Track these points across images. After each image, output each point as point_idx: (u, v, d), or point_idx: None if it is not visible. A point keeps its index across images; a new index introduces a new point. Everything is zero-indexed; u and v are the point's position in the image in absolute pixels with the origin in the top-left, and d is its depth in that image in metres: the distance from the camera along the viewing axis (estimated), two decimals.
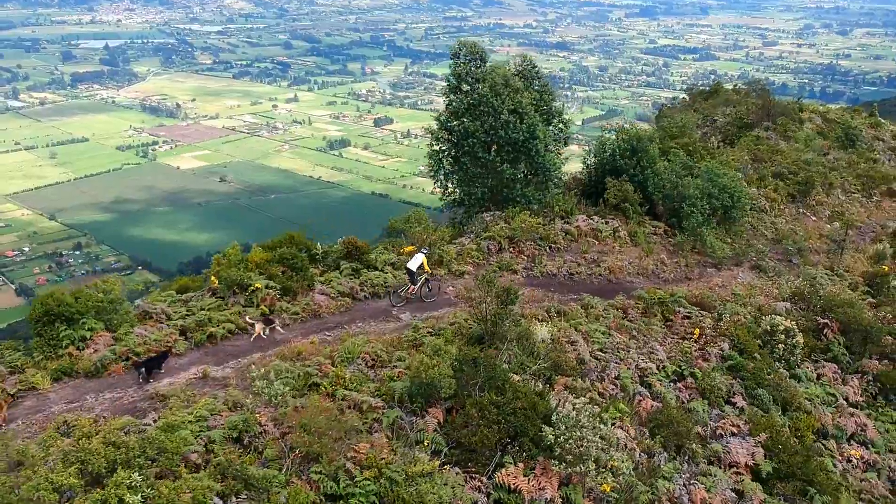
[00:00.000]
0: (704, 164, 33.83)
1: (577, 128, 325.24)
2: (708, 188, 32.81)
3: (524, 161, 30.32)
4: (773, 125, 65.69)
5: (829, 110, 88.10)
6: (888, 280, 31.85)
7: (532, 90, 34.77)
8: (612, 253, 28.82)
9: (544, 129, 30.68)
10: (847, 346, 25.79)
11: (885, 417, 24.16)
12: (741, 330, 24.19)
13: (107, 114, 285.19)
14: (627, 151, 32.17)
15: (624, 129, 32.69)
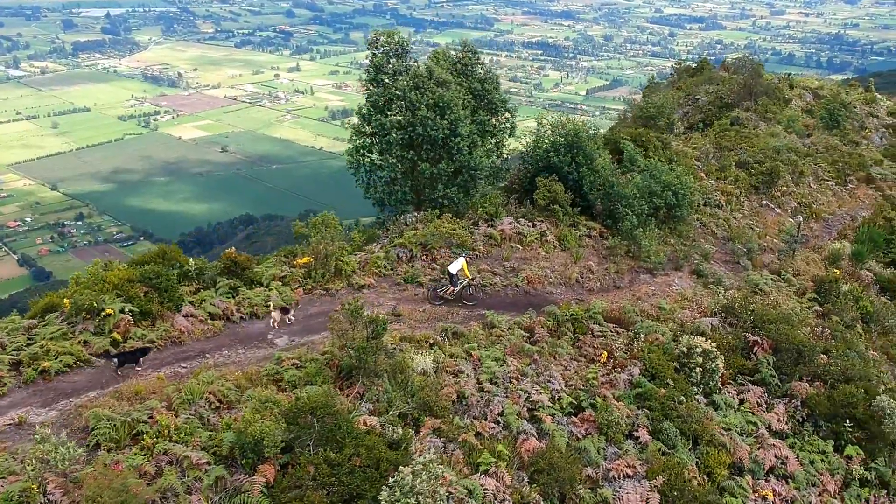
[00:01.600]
0: (644, 161, 31.52)
1: (581, 98, 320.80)
2: (649, 185, 30.58)
3: (446, 160, 28.08)
4: (754, 105, 63.12)
5: (823, 86, 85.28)
6: (838, 286, 29.68)
7: (473, 80, 32.54)
8: (535, 260, 26.72)
9: (470, 126, 28.41)
10: (777, 366, 23.70)
11: (810, 447, 22.15)
12: (656, 351, 22.14)
13: (108, 83, 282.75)
14: (562, 147, 29.88)
15: (560, 123, 30.30)
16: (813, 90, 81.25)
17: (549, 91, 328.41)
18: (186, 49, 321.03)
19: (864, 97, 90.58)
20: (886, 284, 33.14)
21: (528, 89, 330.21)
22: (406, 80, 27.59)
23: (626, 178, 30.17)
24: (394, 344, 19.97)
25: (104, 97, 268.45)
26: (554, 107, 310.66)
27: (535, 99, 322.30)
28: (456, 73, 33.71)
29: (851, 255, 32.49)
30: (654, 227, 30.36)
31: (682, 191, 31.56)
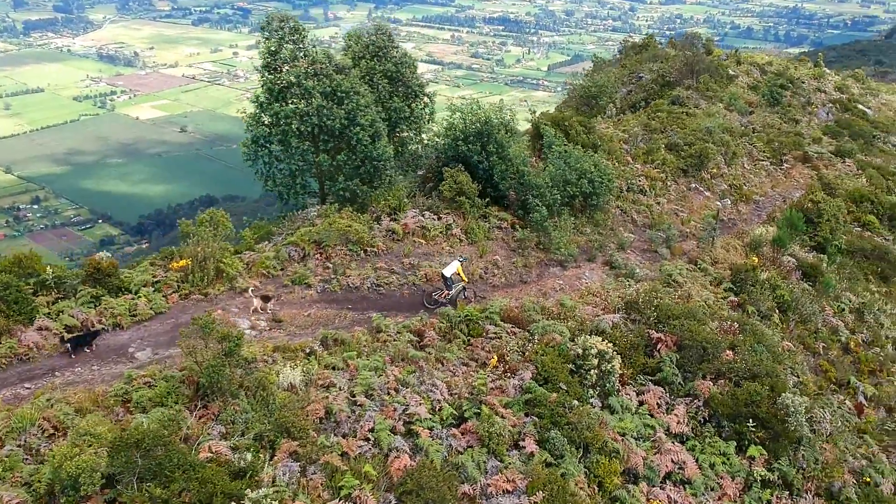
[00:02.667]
0: (561, 148, 30.26)
1: (543, 73, 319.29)
2: (563, 174, 29.37)
3: (346, 151, 26.58)
4: (695, 83, 62.20)
5: (772, 61, 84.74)
6: (756, 274, 28.78)
7: (388, 64, 31.01)
8: (439, 255, 25.41)
9: (372, 114, 26.90)
10: (681, 364, 22.70)
11: (711, 449, 21.24)
12: (550, 353, 21.00)
13: (62, 63, 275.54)
14: (472, 136, 28.50)
15: (471, 110, 28.89)
16: (761, 66, 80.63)
17: (511, 67, 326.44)
18: (142, 27, 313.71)
19: (813, 72, 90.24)
20: (809, 270, 32.35)
21: (490, 65, 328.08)
22: (302, 66, 25.96)
23: (541, 167, 28.85)
24: (266, 355, 18.63)
25: (58, 77, 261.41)
26: (516, 83, 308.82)
27: (496, 75, 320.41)
28: (370, 57, 32.21)
29: (773, 241, 31.56)
30: (568, 217, 29.22)
31: (599, 178, 30.44)
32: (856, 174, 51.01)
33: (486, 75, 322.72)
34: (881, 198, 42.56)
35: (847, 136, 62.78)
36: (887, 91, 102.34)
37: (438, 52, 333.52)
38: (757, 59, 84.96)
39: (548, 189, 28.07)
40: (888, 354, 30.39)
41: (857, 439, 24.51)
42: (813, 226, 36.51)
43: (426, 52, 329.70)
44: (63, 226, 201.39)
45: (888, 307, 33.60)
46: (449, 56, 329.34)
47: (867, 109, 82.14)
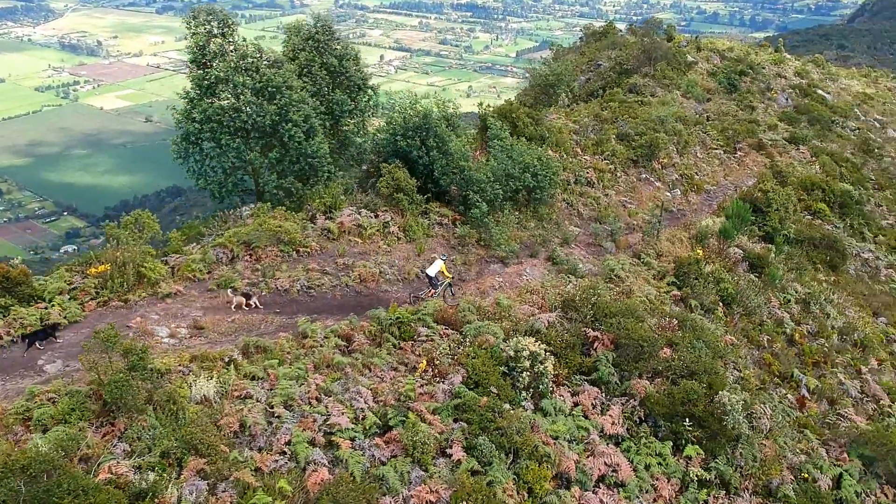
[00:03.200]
0: (504, 141, 29.65)
1: (511, 60, 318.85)
2: (505, 168, 28.78)
3: (278, 148, 25.76)
4: (653, 71, 61.87)
5: (733, 47, 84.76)
6: (700, 267, 28.43)
7: (329, 57, 30.15)
8: (375, 254, 24.73)
9: (307, 110, 26.09)
10: (618, 363, 22.26)
11: (647, 450, 20.82)
12: (482, 356, 20.44)
13: (22, 53, 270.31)
14: (411, 131, 27.79)
15: (409, 105, 28.16)
16: (721, 52, 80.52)
17: (480, 53, 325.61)
18: (105, 15, 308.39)
19: (773, 58, 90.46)
20: (756, 261, 32.09)
21: (459, 52, 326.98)
22: (231, 61, 25.07)
23: (485, 161, 28.23)
24: (182, 365, 17.87)
25: (19, 67, 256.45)
26: (484, 69, 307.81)
27: (465, 62, 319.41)
28: (309, 50, 31.35)
29: (718, 232, 31.23)
30: (510, 213, 28.67)
31: (543, 171, 29.89)
32: (809, 161, 51.06)
33: (454, 62, 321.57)
34: (832, 185, 42.52)
35: (804, 122, 62.95)
36: (846, 76, 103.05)
37: (406, 38, 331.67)
38: (718, 45, 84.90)
39: (489, 184, 27.49)
40: (833, 345, 30.25)
41: (798, 434, 24.28)
42: (762, 215, 36.25)
43: (394, 39, 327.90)
44: (27, 219, 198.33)
45: (835, 296, 33.49)
46: (417, 43, 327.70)
47: (826, 94, 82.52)
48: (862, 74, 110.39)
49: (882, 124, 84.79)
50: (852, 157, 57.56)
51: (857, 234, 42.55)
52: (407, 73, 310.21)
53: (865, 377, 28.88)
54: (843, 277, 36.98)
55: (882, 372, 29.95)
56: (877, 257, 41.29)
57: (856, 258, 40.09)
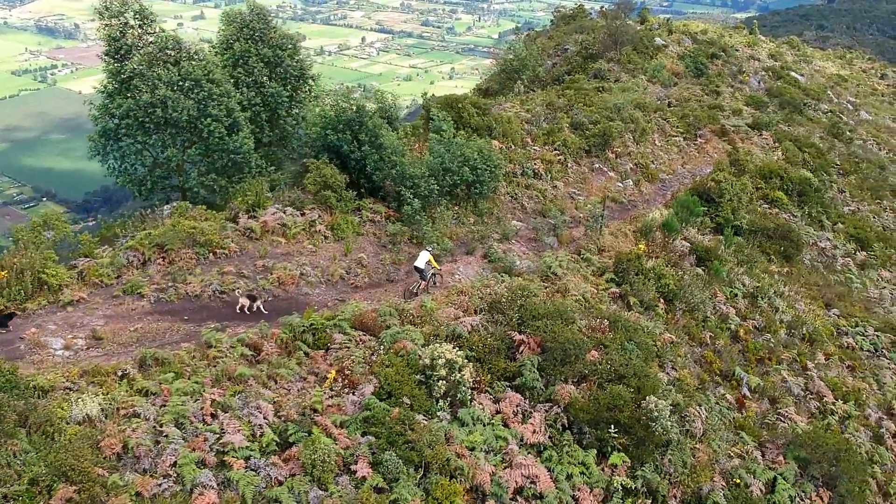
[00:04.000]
0: (447, 133, 28.63)
1: (493, 41, 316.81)
2: (442, 162, 27.77)
3: (198, 144, 24.63)
4: (618, 55, 60.85)
5: (707, 29, 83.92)
6: (640, 262, 27.56)
7: (264, 47, 28.98)
8: (299, 255, 23.72)
9: (230, 104, 24.95)
10: (543, 367, 21.41)
11: (569, 459, 20.01)
12: (397, 363, 19.54)
13: None
14: (343, 125, 26.71)
15: (344, 96, 27.04)
16: (693, 35, 79.58)
17: (462, 35, 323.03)
18: None
19: (747, 40, 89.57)
20: (704, 254, 31.25)
21: (441, 33, 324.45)
22: (147, 53, 23.87)
23: (409, 158, 27.19)
24: (70, 381, 16.86)
25: None
26: (467, 51, 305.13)
27: (447, 43, 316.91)
28: (244, 40, 30.18)
29: (662, 226, 30.34)
30: (447, 208, 27.70)
31: (483, 165, 28.88)
32: (772, 147, 50.23)
33: (436, 43, 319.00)
34: (791, 173, 41.77)
35: (771, 107, 62.20)
36: (821, 57, 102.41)
37: (388, 20, 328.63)
38: (691, 28, 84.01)
39: (422, 179, 26.46)
40: (780, 340, 29.54)
41: (734, 437, 23.53)
42: (715, 206, 35.41)
43: (376, 20, 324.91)
44: (6, 205, 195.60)
45: (786, 289, 32.77)
46: (399, 24, 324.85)
47: (800, 77, 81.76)
48: (837, 56, 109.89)
49: (855, 106, 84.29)
50: (819, 142, 56.94)
51: (816, 222, 41.86)
52: (389, 56, 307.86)
53: (811, 373, 28.20)
54: (798, 268, 36.28)
55: (829, 367, 29.29)
56: (834, 246, 40.64)
57: (812, 247, 39.39)
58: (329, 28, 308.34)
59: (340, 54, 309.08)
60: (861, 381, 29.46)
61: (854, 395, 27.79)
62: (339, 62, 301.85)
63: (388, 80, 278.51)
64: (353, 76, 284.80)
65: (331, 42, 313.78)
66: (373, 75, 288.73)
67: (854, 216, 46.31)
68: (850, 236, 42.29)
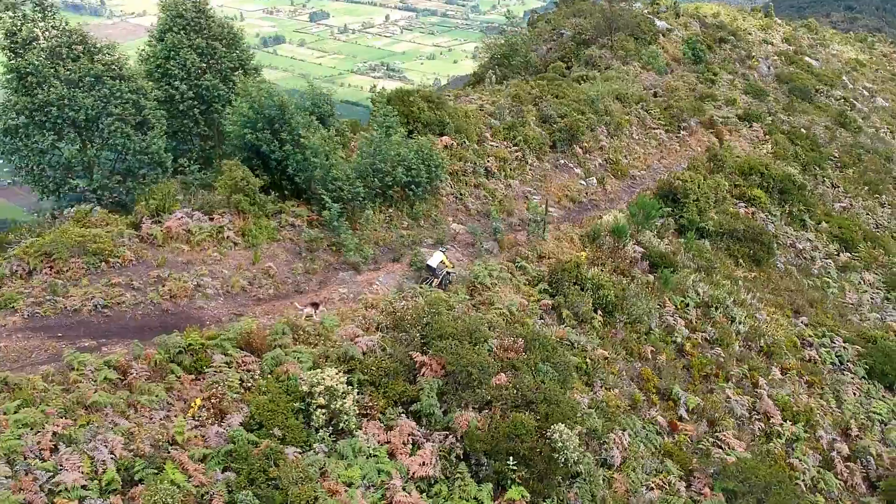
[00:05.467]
0: (364, 133, 26.98)
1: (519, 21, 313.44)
2: (372, 162, 26.14)
3: (98, 144, 23.21)
4: (610, 42, 58.54)
5: (719, 12, 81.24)
6: (579, 271, 25.79)
7: (198, 38, 27.47)
8: (203, 264, 22.29)
9: (137, 102, 23.47)
10: (444, 391, 19.85)
11: (462, 493, 18.47)
12: (274, 389, 18.08)
13: None
14: (262, 122, 25.16)
15: (266, 92, 25.44)
16: (702, 18, 76.97)
17: (486, 13, 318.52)
18: None
19: (761, 23, 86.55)
20: (658, 260, 29.37)
21: (465, 11, 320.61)
22: (45, 48, 22.45)
23: (334, 158, 25.56)
24: None
25: None
26: (491, 30, 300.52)
27: (471, 22, 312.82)
28: (177, 30, 28.67)
29: (612, 230, 28.47)
30: (378, 211, 26.14)
31: (421, 164, 27.19)
32: (762, 140, 47.89)
33: (460, 22, 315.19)
34: (772, 169, 39.52)
35: (773, 95, 59.74)
36: (840, 41, 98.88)
37: None
38: (703, 11, 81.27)
39: (345, 181, 24.85)
40: (733, 353, 27.71)
41: (659, 465, 21.83)
42: (680, 206, 33.43)
43: None
44: None
45: (749, 296, 30.83)
46: (423, 2, 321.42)
47: (814, 61, 78.90)
48: (858, 39, 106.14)
49: (871, 93, 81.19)
50: (822, 132, 54.62)
51: (797, 221, 39.73)
52: (412, 34, 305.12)
53: (761, 391, 26.34)
54: (769, 272, 34.27)
55: (784, 383, 27.40)
56: (814, 247, 38.47)
57: (789, 249, 37.26)
58: (353, 6, 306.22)
59: (364, 32, 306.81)
60: (818, 399, 27.59)
61: (805, 416, 25.93)
62: (362, 40, 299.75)
63: (412, 58, 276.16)
64: (377, 54, 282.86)
65: (355, 20, 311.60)
66: (396, 54, 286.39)
67: (843, 214, 43.99)
68: (834, 236, 40.11)
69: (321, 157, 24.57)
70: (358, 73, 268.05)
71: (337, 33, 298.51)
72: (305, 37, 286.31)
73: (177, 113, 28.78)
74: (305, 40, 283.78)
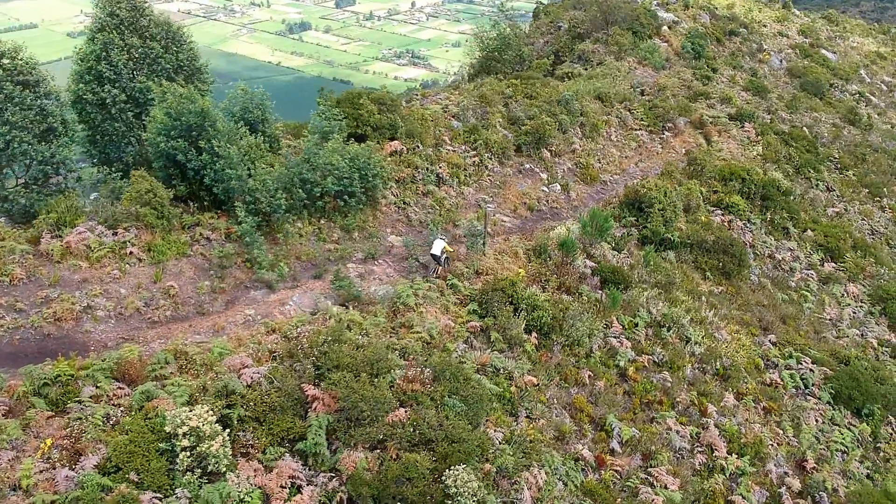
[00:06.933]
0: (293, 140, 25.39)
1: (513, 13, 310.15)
2: (298, 171, 24.56)
3: None
4: (605, 36, 56.33)
5: (734, 3, 78.64)
6: (515, 289, 24.03)
7: (134, 39, 26.05)
8: (101, 282, 20.90)
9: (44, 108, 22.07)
10: (335, 429, 18.29)
11: None
12: (136, 429, 16.64)
13: None
14: (176, 130, 23.66)
15: (187, 97, 23.93)
16: (712, 10, 74.41)
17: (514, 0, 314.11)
18: None
19: (776, 15, 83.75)
20: (610, 276, 27.48)
21: None
22: None
23: (256, 168, 24.01)
24: None
25: (51, 13, 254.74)
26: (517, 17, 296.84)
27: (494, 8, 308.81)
28: (110, 30, 27.26)
29: (560, 245, 26.62)
30: (307, 223, 24.64)
31: (353, 174, 25.55)
32: (752, 141, 45.56)
33: (486, 9, 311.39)
34: (753, 174, 37.24)
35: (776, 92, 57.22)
36: (861, 33, 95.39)
37: None
38: (718, 2, 78.76)
39: (264, 193, 23.28)
40: (683, 378, 25.78)
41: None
42: (644, 216, 31.43)
43: None
44: None
45: (711, 313, 28.82)
46: None
47: (831, 55, 76.05)
48: (881, 31, 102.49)
49: (890, 87, 78.05)
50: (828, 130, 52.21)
51: (780, 229, 37.44)
52: (438, 21, 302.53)
53: (709, 419, 24.43)
54: (739, 286, 32.16)
55: (736, 411, 25.46)
56: (795, 258, 36.21)
57: (767, 260, 35.07)
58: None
59: (390, 19, 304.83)
60: (773, 428, 25.57)
61: (755, 447, 23.96)
62: (388, 27, 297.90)
63: (437, 45, 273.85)
64: (402, 41, 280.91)
65: (381, 6, 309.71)
66: (422, 41, 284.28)
67: (834, 220, 41.57)
68: (819, 245, 37.78)
69: (240, 168, 22.98)
70: (383, 61, 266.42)
71: (363, 20, 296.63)
72: (331, 23, 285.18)
73: (109, 117, 27.30)
74: (331, 27, 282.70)
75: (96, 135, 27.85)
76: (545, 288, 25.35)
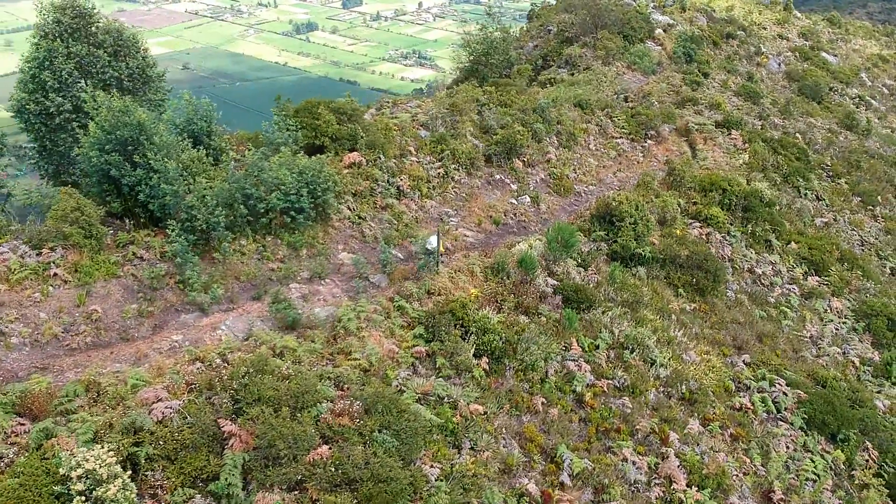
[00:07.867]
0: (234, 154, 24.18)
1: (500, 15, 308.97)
2: (241, 186, 23.35)
3: None
4: (593, 41, 54.95)
5: (733, 6, 77.18)
6: (465, 311, 22.75)
7: (80, 46, 24.94)
8: (19, 306, 19.74)
9: None
10: (251, 468, 17.05)
11: None
12: (29, 471, 15.45)
13: None
14: (110, 144, 22.49)
15: (121, 110, 22.74)
16: (709, 12, 73.03)
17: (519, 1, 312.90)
18: None
19: (777, 17, 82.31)
20: (573, 295, 26.14)
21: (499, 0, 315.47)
22: None
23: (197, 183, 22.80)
24: None
25: None
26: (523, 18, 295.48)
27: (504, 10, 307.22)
28: (53, 37, 26.14)
29: (519, 263, 25.31)
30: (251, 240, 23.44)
31: (301, 189, 24.32)
32: (739, 149, 44.09)
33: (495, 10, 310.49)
34: (734, 185, 35.77)
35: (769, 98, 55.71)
36: (864, 35, 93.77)
37: None
38: (713, 4, 77.29)
39: (202, 209, 22.07)
40: (646, 403, 24.42)
41: None
42: (615, 229, 30.07)
43: None
44: None
45: (680, 333, 27.45)
46: None
47: (831, 58, 74.55)
48: (884, 33, 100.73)
49: (891, 90, 76.38)
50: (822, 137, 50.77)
51: (761, 242, 35.95)
52: (445, 22, 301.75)
53: (669, 449, 23.05)
54: (714, 303, 30.75)
55: (700, 438, 24.07)
56: (777, 272, 34.74)
57: (747, 274, 33.66)
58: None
59: (396, 20, 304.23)
60: (740, 456, 24.17)
61: (717, 478, 22.57)
62: (394, 28, 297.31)
63: (444, 46, 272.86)
64: (408, 42, 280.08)
65: (387, 7, 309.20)
66: (428, 42, 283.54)
67: (822, 231, 40.06)
68: (803, 258, 36.26)
69: (177, 183, 21.77)
70: (389, 61, 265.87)
71: (369, 20, 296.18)
72: (338, 24, 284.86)
73: (54, 127, 26.15)
74: (338, 27, 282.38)
75: (43, 147, 26.68)
76: (501, 308, 23.99)
